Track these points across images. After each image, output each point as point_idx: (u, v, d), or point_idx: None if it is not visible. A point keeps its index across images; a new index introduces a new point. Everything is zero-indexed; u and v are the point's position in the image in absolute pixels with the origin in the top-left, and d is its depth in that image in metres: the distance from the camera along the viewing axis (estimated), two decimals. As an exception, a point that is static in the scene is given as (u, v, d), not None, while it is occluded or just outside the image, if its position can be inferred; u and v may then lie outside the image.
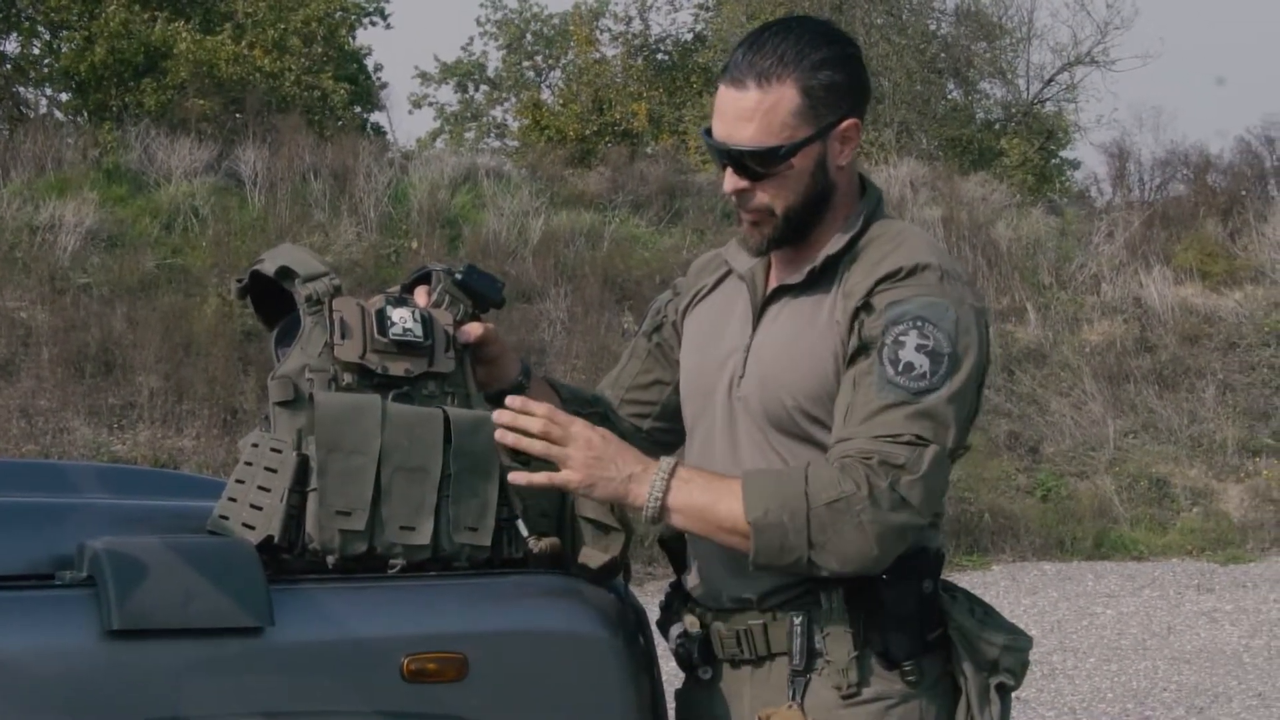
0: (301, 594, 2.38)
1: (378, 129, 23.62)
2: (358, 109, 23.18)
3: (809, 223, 2.56)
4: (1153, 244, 16.90)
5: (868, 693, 2.50)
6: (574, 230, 15.89)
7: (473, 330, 2.63)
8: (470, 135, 30.69)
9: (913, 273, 2.47)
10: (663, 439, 2.87)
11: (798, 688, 2.52)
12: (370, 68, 25.34)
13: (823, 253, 2.56)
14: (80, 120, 18.01)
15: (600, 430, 2.50)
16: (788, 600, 2.53)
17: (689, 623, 2.64)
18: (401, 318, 2.54)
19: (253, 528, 2.42)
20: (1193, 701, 8.45)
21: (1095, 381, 14.90)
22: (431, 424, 2.49)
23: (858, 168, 2.64)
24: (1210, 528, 13.27)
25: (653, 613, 2.72)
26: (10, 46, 19.47)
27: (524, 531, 2.57)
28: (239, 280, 2.66)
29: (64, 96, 19.75)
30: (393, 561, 2.46)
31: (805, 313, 2.57)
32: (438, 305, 2.64)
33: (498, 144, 28.27)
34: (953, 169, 19.38)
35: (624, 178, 17.35)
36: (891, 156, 19.24)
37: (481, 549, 2.52)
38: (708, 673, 2.63)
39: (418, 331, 2.54)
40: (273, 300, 2.64)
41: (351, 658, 2.37)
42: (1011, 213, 17.81)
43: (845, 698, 2.50)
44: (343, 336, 2.50)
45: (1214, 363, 15.36)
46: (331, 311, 2.51)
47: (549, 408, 2.49)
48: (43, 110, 19.39)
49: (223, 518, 2.46)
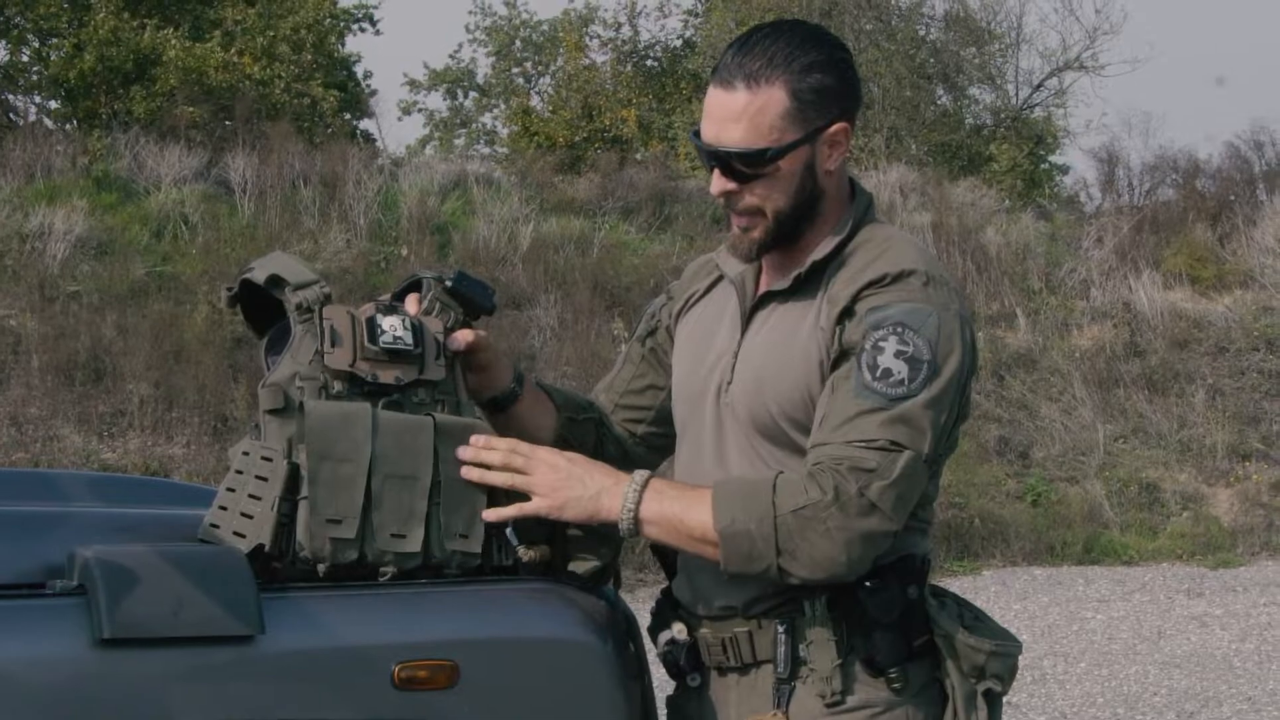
0: (292, 602, 2.38)
1: (367, 136, 23.65)
2: (347, 116, 23.18)
3: (799, 226, 2.55)
4: (1142, 249, 16.92)
5: (852, 700, 2.50)
6: (564, 237, 15.89)
7: (464, 337, 2.63)
8: (460, 142, 30.73)
9: (897, 279, 2.46)
10: (657, 444, 2.87)
11: (782, 696, 2.51)
12: (360, 75, 25.38)
13: (809, 258, 2.56)
14: (69, 128, 18.00)
15: (566, 453, 2.52)
16: (772, 608, 2.52)
17: (677, 630, 2.64)
18: (392, 325, 2.54)
19: (244, 536, 2.42)
20: (1183, 706, 8.45)
21: (1085, 386, 14.91)
22: (422, 432, 2.49)
23: (847, 172, 2.63)
24: (1200, 532, 13.28)
25: (644, 619, 2.72)
26: (-1, 54, 19.48)
27: (514, 539, 2.56)
28: (229, 288, 2.65)
29: (53, 104, 19.75)
30: (383, 569, 2.46)
31: (791, 318, 2.56)
32: (428, 313, 2.64)
33: (487, 150, 28.33)
34: (942, 174, 19.39)
35: (613, 184, 17.36)
36: (881, 162, 19.27)
37: (472, 556, 2.52)
38: (696, 679, 2.63)
39: (408, 339, 2.54)
40: (263, 308, 2.64)
41: (343, 665, 2.37)
42: (1001, 218, 17.84)
43: (830, 705, 2.49)
44: (333, 344, 2.50)
45: (1203, 367, 15.38)
46: (322, 319, 2.51)
47: (511, 441, 2.53)
48: (32, 118, 19.38)
49: (214, 526, 2.46)
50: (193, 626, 2.25)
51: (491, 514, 2.50)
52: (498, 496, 2.54)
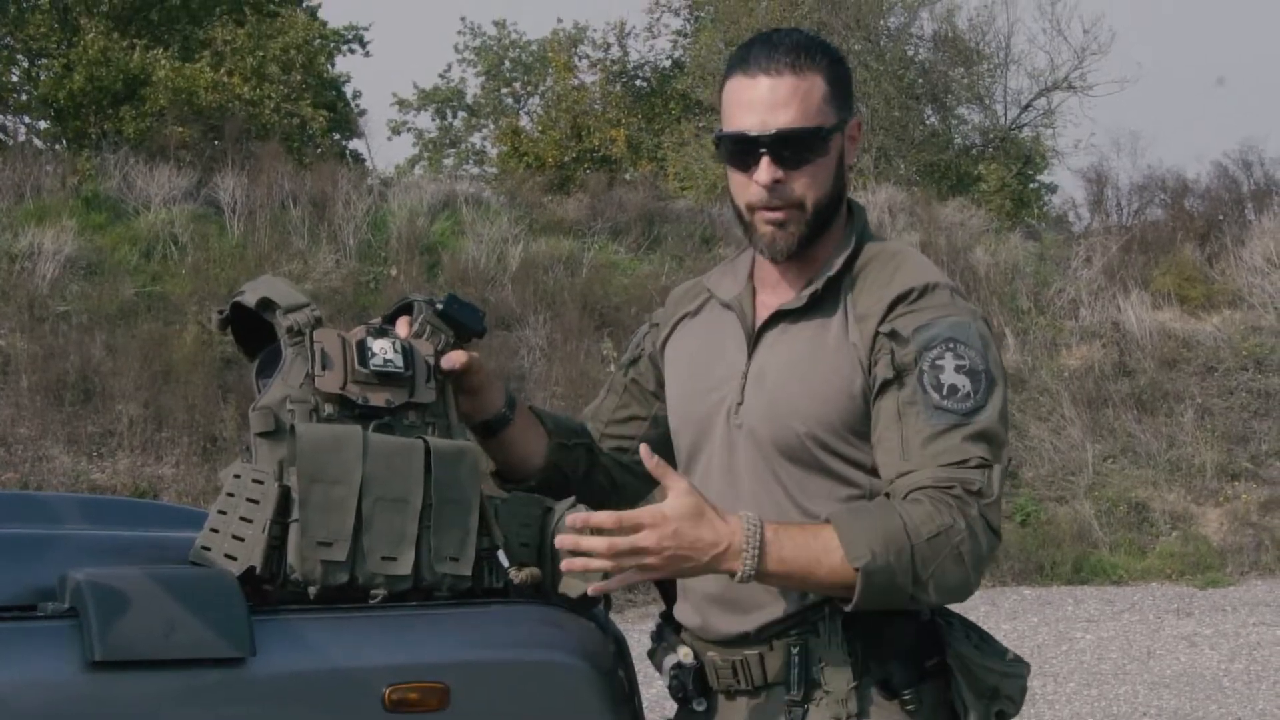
0: (284, 624, 2.38)
1: (356, 156, 23.67)
2: (336, 136, 23.23)
3: (825, 227, 2.56)
4: (1131, 268, 16.95)
5: None
6: (553, 257, 15.91)
7: (456, 359, 2.63)
8: (449, 162, 30.77)
9: (924, 293, 2.48)
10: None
11: (795, 718, 2.50)
12: (349, 95, 25.40)
13: (823, 274, 2.55)
14: (59, 148, 18.03)
15: (670, 520, 2.31)
16: (783, 630, 2.51)
17: (683, 654, 2.61)
18: (382, 349, 2.54)
19: (234, 558, 2.42)
20: (1172, 726, 8.47)
21: (1074, 406, 14.93)
22: (412, 455, 2.50)
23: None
24: (1189, 552, 13.30)
25: (635, 641, 2.72)
26: (-12, 74, 19.49)
27: (505, 561, 2.57)
28: (220, 311, 2.66)
29: (43, 124, 19.77)
30: (374, 592, 2.46)
31: (809, 337, 2.55)
32: (419, 335, 2.64)
33: (476, 171, 28.36)
34: (930, 194, 19.43)
35: (603, 204, 17.38)
36: (869, 182, 19.29)
37: (463, 579, 2.52)
38: (702, 704, 2.61)
39: (398, 362, 2.54)
40: (254, 331, 2.64)
41: (333, 688, 2.37)
42: (989, 238, 17.87)
43: None
44: (324, 368, 2.50)
45: (1192, 387, 15.40)
46: (313, 343, 2.52)
47: (613, 521, 2.31)
48: (21, 138, 19.39)
49: (205, 548, 2.46)
50: (184, 649, 2.25)
51: (596, 588, 2.45)
52: (488, 519, 2.55)
